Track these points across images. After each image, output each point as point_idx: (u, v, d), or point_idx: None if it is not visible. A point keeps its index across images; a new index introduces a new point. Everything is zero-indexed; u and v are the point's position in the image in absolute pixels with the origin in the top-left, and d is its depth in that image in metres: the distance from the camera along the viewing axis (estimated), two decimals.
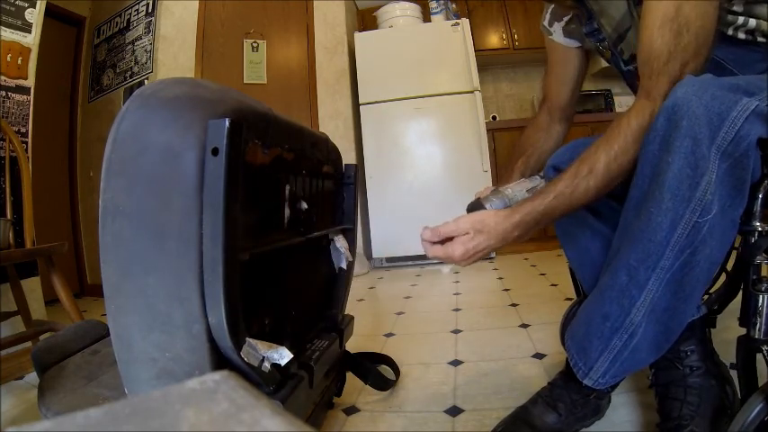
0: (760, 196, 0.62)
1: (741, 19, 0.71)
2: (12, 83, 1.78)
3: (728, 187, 0.58)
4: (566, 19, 0.94)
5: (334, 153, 0.91)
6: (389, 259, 2.99)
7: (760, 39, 0.71)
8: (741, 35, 0.72)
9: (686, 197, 0.58)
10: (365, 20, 3.52)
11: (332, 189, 0.91)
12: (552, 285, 1.91)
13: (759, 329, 0.62)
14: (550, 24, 0.97)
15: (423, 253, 2.95)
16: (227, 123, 0.47)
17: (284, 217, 0.68)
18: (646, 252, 0.62)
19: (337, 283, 0.96)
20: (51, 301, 1.75)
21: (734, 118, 0.56)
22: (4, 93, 1.74)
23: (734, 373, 0.68)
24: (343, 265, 0.95)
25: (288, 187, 0.68)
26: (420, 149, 2.90)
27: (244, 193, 0.51)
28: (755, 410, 0.60)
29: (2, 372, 1.26)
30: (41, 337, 1.35)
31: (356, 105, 2.99)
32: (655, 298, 0.63)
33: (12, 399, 1.22)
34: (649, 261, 0.62)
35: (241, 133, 0.49)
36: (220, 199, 0.47)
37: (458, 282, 2.30)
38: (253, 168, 0.57)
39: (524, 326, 1.42)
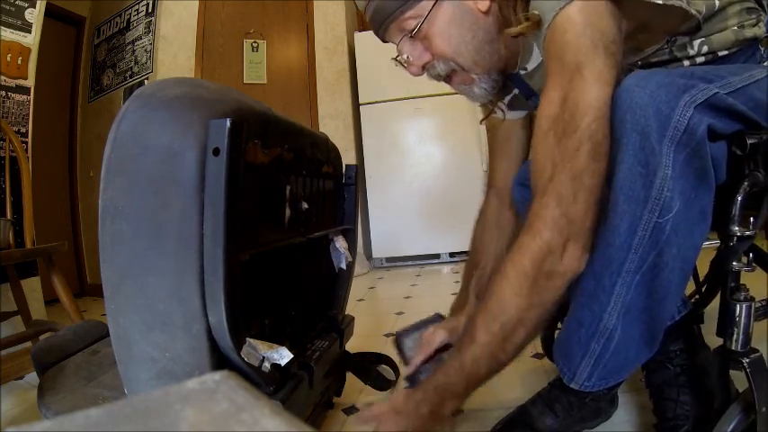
0: (739, 199, 0.57)
1: (692, 51, 0.65)
2: (12, 83, 1.78)
3: (691, 178, 0.53)
4: (507, 98, 0.86)
5: (333, 153, 0.91)
6: (389, 259, 2.99)
7: (721, 53, 0.66)
8: (700, 59, 0.66)
9: (641, 197, 0.54)
10: (365, 20, 3.51)
11: (332, 189, 0.91)
12: None
13: (736, 341, 0.58)
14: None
15: (423, 253, 2.94)
16: (229, 123, 0.47)
17: (285, 217, 0.68)
18: (608, 257, 0.58)
19: (337, 283, 0.96)
20: (51, 301, 1.75)
21: (684, 106, 0.51)
22: (4, 93, 1.74)
23: (734, 374, 0.67)
24: (343, 266, 0.95)
25: (288, 187, 0.68)
26: (420, 149, 2.90)
27: (244, 193, 0.51)
28: (734, 422, 0.59)
29: (2, 372, 1.26)
30: (41, 337, 1.34)
31: (356, 105, 2.98)
32: (626, 301, 0.59)
33: (12, 399, 1.22)
34: (612, 266, 0.58)
35: (242, 133, 0.49)
36: (221, 199, 0.47)
37: (458, 282, 2.30)
38: (253, 168, 0.57)
39: None
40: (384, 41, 0.78)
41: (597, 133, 0.53)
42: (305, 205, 0.73)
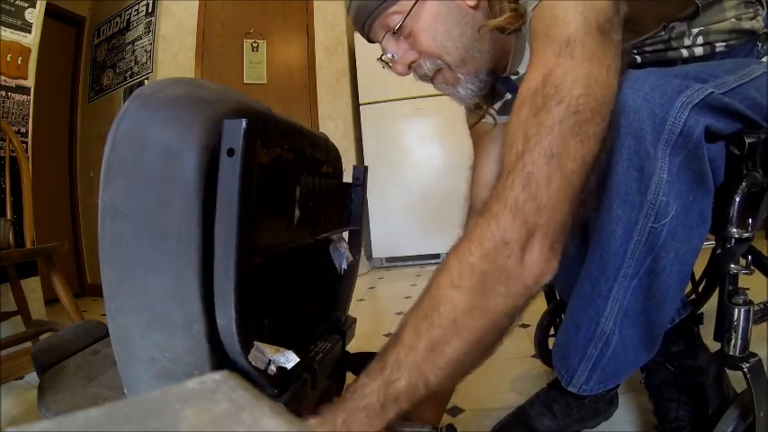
0: (737, 200, 0.56)
1: (688, 41, 0.62)
2: (12, 83, 1.78)
3: (688, 181, 0.52)
4: (498, 104, 0.82)
5: (333, 153, 0.91)
6: (389, 259, 2.99)
7: (719, 46, 0.63)
8: (698, 50, 0.63)
9: (637, 202, 0.52)
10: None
11: (334, 189, 0.91)
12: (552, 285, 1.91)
13: (734, 346, 0.57)
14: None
15: (423, 253, 2.94)
16: (245, 124, 0.47)
17: (294, 218, 0.67)
18: (604, 262, 0.57)
19: (340, 284, 0.96)
20: (51, 301, 1.75)
21: (679, 107, 0.49)
22: (4, 93, 1.74)
23: (730, 373, 0.67)
24: (345, 267, 0.95)
25: (298, 188, 0.68)
26: (420, 149, 2.90)
27: (258, 194, 0.50)
28: (733, 424, 0.59)
29: (2, 372, 1.26)
30: (41, 337, 1.35)
31: (356, 105, 2.98)
32: (623, 305, 0.58)
33: (12, 399, 1.22)
34: (609, 271, 0.57)
35: (257, 134, 0.49)
36: (235, 200, 0.46)
37: None
38: (265, 169, 0.57)
39: (524, 326, 1.42)
40: (370, 41, 0.73)
41: (585, 110, 0.44)
42: (312, 206, 0.73)
